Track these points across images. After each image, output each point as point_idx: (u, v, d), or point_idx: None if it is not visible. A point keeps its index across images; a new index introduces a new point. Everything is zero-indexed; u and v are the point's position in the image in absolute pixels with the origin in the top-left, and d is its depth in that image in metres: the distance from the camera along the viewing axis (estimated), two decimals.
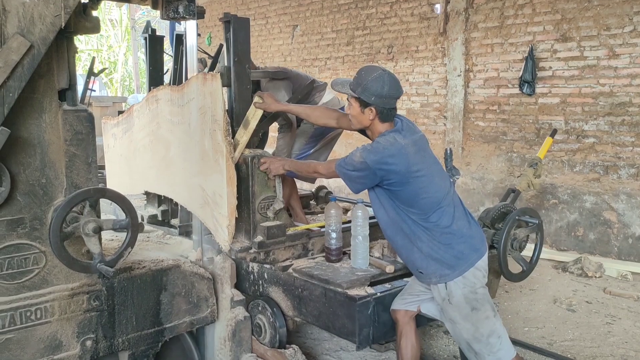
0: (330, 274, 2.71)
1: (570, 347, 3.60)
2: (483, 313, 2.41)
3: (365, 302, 2.49)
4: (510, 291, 4.65)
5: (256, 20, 9.46)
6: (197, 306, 2.74)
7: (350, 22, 7.89)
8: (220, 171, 2.76)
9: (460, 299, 2.40)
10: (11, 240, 2.14)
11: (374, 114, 2.46)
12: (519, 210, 3.15)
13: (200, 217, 2.99)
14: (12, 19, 1.90)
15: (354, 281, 2.62)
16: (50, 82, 2.19)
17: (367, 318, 2.50)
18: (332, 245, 2.91)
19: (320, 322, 2.67)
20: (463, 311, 2.41)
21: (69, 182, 2.26)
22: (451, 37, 6.62)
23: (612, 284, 4.83)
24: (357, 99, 2.47)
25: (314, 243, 3.13)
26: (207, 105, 2.82)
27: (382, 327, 2.59)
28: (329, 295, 2.58)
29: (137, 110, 3.50)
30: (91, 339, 2.37)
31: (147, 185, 3.50)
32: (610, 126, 5.44)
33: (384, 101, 2.43)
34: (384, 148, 2.40)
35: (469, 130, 6.62)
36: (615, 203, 5.39)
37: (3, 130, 1.93)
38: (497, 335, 2.42)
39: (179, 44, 3.73)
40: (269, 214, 2.95)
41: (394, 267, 2.80)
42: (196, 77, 2.91)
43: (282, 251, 2.99)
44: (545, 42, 5.83)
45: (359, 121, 2.54)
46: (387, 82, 2.44)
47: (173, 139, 3.13)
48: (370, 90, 2.42)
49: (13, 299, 2.16)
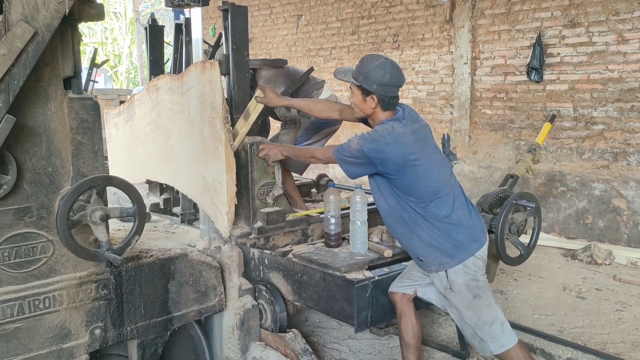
0: (329, 258, 2.76)
1: (581, 334, 3.57)
2: (485, 300, 2.44)
3: (363, 286, 2.53)
4: (519, 279, 4.62)
5: (260, 11, 9.41)
6: (205, 295, 2.74)
7: (355, 11, 7.83)
8: (220, 158, 2.79)
9: (462, 287, 2.42)
10: (18, 229, 2.14)
11: (375, 102, 2.48)
12: (516, 194, 3.14)
13: (200, 204, 3.02)
14: (16, 6, 1.88)
15: (352, 265, 2.67)
16: (55, 70, 2.17)
17: (365, 301, 2.54)
18: (331, 231, 2.94)
19: (319, 306, 2.72)
20: (465, 299, 2.43)
21: (76, 171, 2.25)
22: (457, 24, 6.55)
23: (621, 271, 4.79)
24: (359, 87, 2.49)
25: (314, 229, 3.17)
26: (206, 93, 2.83)
27: (380, 310, 2.63)
28: (327, 279, 2.62)
29: (138, 100, 3.51)
30: (100, 328, 2.37)
31: (148, 174, 3.51)
32: (620, 112, 5.38)
33: (385, 89, 2.45)
34: (381, 136, 2.41)
35: (476, 118, 6.57)
36: (624, 190, 5.35)
37: (8, 118, 1.92)
38: (499, 322, 2.44)
39: (179, 34, 3.73)
40: (268, 200, 2.99)
41: (392, 252, 2.85)
42: (195, 66, 2.91)
43: (282, 237, 3.03)
44: (553, 28, 5.76)
45: (361, 109, 2.56)
46: (388, 71, 2.44)
47: (173, 128, 3.15)
48: (372, 79, 2.43)
49: (21, 288, 2.16)
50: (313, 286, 2.70)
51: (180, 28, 3.70)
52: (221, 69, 2.84)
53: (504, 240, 3.03)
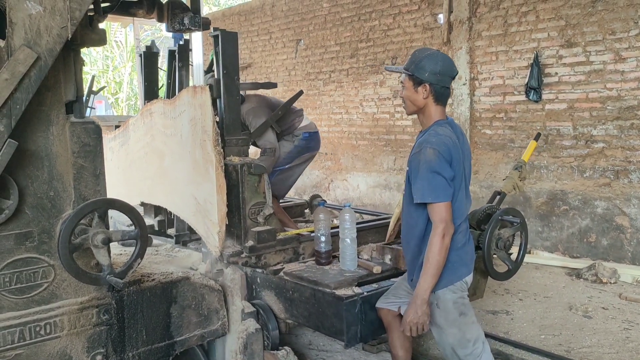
0: (320, 275, 2.80)
1: (589, 353, 3.52)
2: (470, 318, 2.42)
3: (352, 302, 2.57)
4: (525, 299, 4.58)
5: (260, 36, 9.52)
6: (208, 319, 2.71)
7: (353, 35, 7.91)
8: (210, 180, 2.83)
9: (449, 304, 2.39)
10: (20, 254, 2.12)
11: (427, 92, 2.37)
12: (502, 210, 3.14)
13: (192, 224, 3.08)
14: (19, 31, 1.90)
15: (342, 282, 2.71)
16: (58, 94, 2.18)
17: (354, 317, 2.58)
18: (321, 249, 2.99)
19: (310, 322, 2.75)
20: (451, 316, 2.39)
21: (77, 195, 2.24)
22: (455, 46, 6.62)
23: (627, 289, 4.74)
24: (411, 76, 2.39)
25: (305, 247, 3.21)
26: (198, 116, 2.89)
27: (369, 326, 2.66)
28: (317, 296, 2.66)
29: (133, 124, 3.60)
30: (101, 354, 2.33)
31: (143, 196, 3.56)
32: (619, 130, 5.39)
33: (437, 78, 2.35)
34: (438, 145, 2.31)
35: (476, 138, 6.59)
36: (627, 208, 5.33)
37: (11, 142, 1.92)
38: (481, 341, 2.43)
39: (172, 60, 3.80)
40: (259, 219, 3.02)
41: (381, 268, 2.89)
42: (187, 90, 3.00)
43: (273, 255, 3.06)
44: (550, 48, 5.81)
45: (412, 101, 2.43)
46: (440, 59, 2.38)
47: (166, 150, 3.23)
48: (424, 67, 2.35)
49: (22, 314, 2.13)
50: (304, 303, 2.73)
51: (174, 54, 3.77)
52: (212, 93, 2.91)
53: (491, 255, 3.05)
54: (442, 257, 2.27)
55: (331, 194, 8.43)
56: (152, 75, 4.00)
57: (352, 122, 8.11)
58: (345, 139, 8.21)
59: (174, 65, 3.78)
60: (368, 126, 7.87)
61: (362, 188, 7.89)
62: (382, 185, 7.50)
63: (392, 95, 7.50)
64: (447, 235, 2.26)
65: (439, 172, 2.25)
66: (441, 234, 2.25)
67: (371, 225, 3.58)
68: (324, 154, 8.57)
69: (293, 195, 8.47)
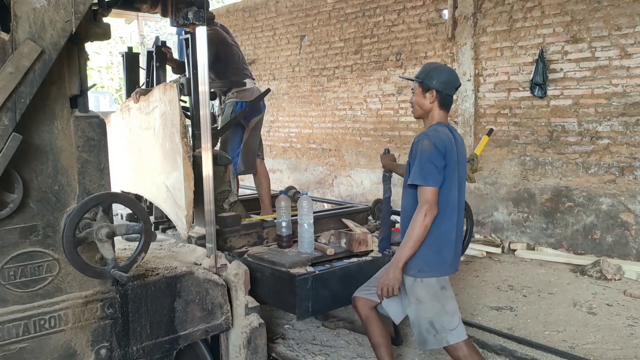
0: (278, 257, 3.16)
1: (593, 350, 3.51)
2: (449, 293, 2.67)
3: (304, 279, 2.91)
4: (529, 295, 4.57)
5: (264, 32, 9.51)
6: (212, 313, 2.71)
7: (357, 31, 7.89)
8: (179, 169, 3.07)
9: (431, 279, 2.61)
10: (24, 248, 2.12)
11: (434, 97, 2.70)
12: None
13: (164, 210, 3.35)
14: (23, 25, 1.89)
15: (297, 262, 3.07)
16: (62, 88, 2.18)
17: (306, 293, 2.90)
18: (282, 233, 3.34)
19: (270, 299, 3.09)
20: (432, 289, 2.61)
21: (82, 189, 2.24)
22: (460, 42, 6.60)
23: (632, 286, 4.73)
24: (420, 83, 2.73)
25: (268, 232, 3.57)
26: (167, 111, 3.15)
27: (321, 301, 3.01)
28: (275, 275, 3.01)
29: (113, 120, 3.94)
30: (105, 348, 2.33)
31: (124, 187, 3.81)
32: (625, 126, 5.36)
33: (444, 86, 2.69)
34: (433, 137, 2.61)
35: (480, 134, 6.55)
36: (632, 204, 5.31)
37: (15, 136, 1.92)
38: (457, 315, 2.65)
39: (150, 60, 4.05)
40: (225, 206, 3.33)
41: (334, 250, 3.25)
42: (158, 88, 3.31)
43: (239, 239, 3.39)
44: (555, 44, 5.78)
45: (420, 105, 2.75)
46: (447, 71, 2.76)
47: (142, 143, 3.53)
48: (433, 77, 2.70)
49: (27, 308, 2.13)
50: (264, 282, 3.05)
51: (151, 55, 4.03)
52: (184, 90, 3.31)
53: None
54: (421, 233, 2.52)
55: (335, 190, 8.43)
56: (134, 74, 4.24)
57: (356, 119, 8.09)
58: (349, 135, 8.20)
59: (151, 65, 4.04)
60: (372, 122, 7.85)
61: (366, 184, 7.89)
62: None
63: (397, 92, 7.48)
64: (429, 216, 2.50)
65: (432, 161, 2.53)
66: (423, 213, 2.50)
67: (332, 213, 4.07)
68: (327, 150, 8.56)
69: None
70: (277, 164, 9.42)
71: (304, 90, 8.91)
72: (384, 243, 3.32)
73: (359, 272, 3.16)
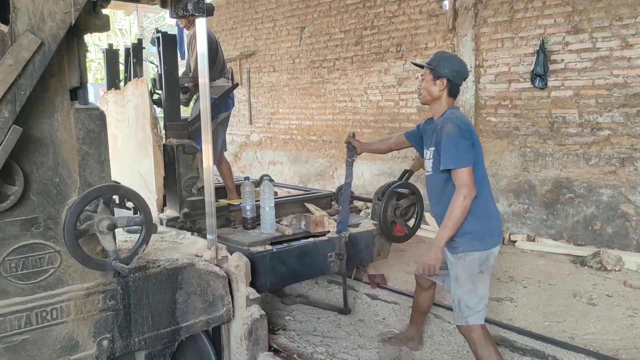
0: (241, 237, 3.49)
1: (593, 340, 3.53)
2: (486, 278, 2.76)
3: (262, 256, 3.25)
4: (529, 286, 4.58)
5: (264, 24, 9.48)
6: (213, 305, 2.72)
7: (358, 22, 7.87)
8: (149, 157, 3.38)
9: (474, 259, 2.72)
10: (25, 240, 2.13)
11: (444, 85, 2.82)
12: (397, 184, 3.93)
13: None
14: (22, 16, 1.89)
15: (258, 241, 3.40)
16: (62, 80, 2.17)
17: (264, 268, 3.23)
18: (247, 216, 3.70)
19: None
20: (470, 270, 2.73)
21: (82, 181, 2.24)
22: (460, 33, 6.57)
23: (632, 277, 4.74)
24: (432, 70, 2.83)
25: (235, 215, 3.91)
26: (139, 104, 3.45)
27: (278, 277, 3.36)
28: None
29: None
30: (107, 339, 2.34)
31: None
32: (626, 117, 5.36)
33: (454, 75, 2.81)
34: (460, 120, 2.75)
35: (481, 126, 6.56)
36: (632, 195, 5.31)
37: (15, 128, 1.92)
38: (485, 301, 2.76)
39: (128, 56, 4.32)
40: (193, 191, 3.58)
41: (292, 231, 3.60)
42: (131, 82, 3.61)
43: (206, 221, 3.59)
44: (556, 34, 5.76)
45: (429, 92, 2.87)
46: (457, 61, 2.89)
47: (119, 134, 3.85)
48: (445, 65, 2.82)
49: (28, 299, 2.14)
50: None
51: (129, 51, 4.30)
52: (155, 85, 3.73)
53: (387, 221, 3.87)
54: (461, 214, 2.62)
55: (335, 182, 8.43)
56: (114, 69, 4.47)
57: (356, 110, 8.08)
58: (349, 127, 8.19)
59: (129, 61, 4.30)
60: (372, 114, 7.84)
61: (367, 176, 7.89)
62: (386, 174, 7.49)
63: (397, 83, 7.46)
64: (469, 197, 2.60)
65: (459, 142, 2.63)
66: (462, 195, 2.59)
67: (296, 198, 4.40)
68: (328, 142, 8.55)
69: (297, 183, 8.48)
70: (277, 156, 9.41)
71: (304, 82, 8.89)
72: (342, 225, 3.69)
73: (315, 251, 3.54)
